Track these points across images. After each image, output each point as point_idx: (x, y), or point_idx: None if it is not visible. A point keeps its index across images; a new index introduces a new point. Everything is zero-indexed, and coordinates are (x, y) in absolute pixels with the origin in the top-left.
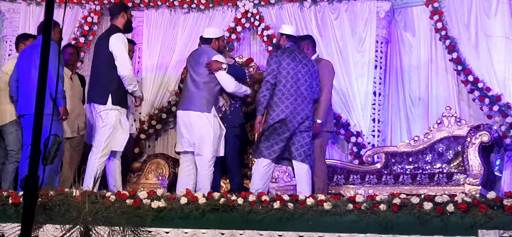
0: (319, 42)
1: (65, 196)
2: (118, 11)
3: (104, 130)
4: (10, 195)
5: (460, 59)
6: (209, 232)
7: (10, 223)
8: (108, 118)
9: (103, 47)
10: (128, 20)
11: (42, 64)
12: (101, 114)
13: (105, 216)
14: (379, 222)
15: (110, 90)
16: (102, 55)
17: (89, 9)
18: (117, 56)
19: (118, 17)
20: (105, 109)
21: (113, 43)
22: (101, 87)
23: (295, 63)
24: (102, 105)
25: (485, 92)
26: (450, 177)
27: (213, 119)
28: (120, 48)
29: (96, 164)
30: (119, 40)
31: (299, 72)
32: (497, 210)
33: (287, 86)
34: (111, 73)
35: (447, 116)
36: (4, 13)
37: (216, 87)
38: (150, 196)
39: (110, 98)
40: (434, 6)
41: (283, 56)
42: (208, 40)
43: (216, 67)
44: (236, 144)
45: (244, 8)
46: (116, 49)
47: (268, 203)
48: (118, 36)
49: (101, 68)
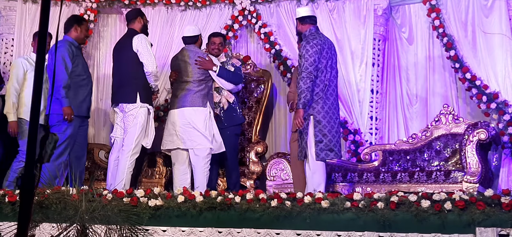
0: None
1: (61, 195)
2: (135, 16)
3: (134, 129)
4: (6, 193)
5: (457, 56)
6: (206, 230)
7: (7, 222)
8: (138, 117)
9: (125, 49)
10: (144, 25)
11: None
12: (131, 113)
13: (102, 215)
14: (376, 220)
15: (137, 88)
16: (126, 57)
17: (85, 6)
18: (143, 54)
19: (135, 21)
20: (135, 107)
21: (137, 43)
22: (129, 87)
23: (331, 50)
24: (131, 104)
25: (483, 89)
26: (447, 174)
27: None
28: (144, 46)
29: (127, 162)
30: (143, 39)
31: (332, 59)
32: (495, 207)
33: (328, 77)
34: (137, 72)
35: (444, 114)
36: (0, 11)
37: (208, 83)
38: (147, 195)
39: (138, 96)
40: (431, 4)
41: (321, 44)
42: (194, 38)
43: (207, 66)
44: (235, 142)
45: (241, 5)
46: (141, 48)
47: (266, 201)
48: (140, 36)
49: (126, 69)
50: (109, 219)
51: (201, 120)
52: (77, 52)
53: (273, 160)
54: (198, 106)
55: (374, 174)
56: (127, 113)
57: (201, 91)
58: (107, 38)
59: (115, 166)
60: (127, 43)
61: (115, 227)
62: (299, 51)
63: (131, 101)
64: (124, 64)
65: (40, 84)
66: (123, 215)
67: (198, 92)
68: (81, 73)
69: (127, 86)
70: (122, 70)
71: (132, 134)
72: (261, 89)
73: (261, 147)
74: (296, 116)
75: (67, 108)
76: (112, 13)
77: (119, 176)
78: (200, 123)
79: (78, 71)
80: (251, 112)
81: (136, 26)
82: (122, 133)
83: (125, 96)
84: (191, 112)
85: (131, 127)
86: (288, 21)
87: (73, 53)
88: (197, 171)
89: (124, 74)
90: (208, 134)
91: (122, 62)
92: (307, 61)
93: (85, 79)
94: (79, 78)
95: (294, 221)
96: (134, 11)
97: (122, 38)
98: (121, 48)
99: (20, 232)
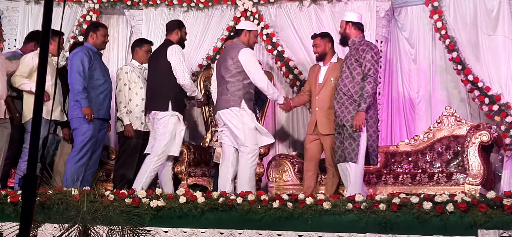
0: None
1: (63, 195)
2: (173, 28)
3: (164, 136)
4: (8, 194)
5: (460, 58)
6: (208, 231)
7: (9, 222)
8: (168, 125)
9: (161, 58)
10: (181, 38)
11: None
12: (162, 121)
13: (104, 215)
14: (378, 221)
15: (169, 97)
16: (161, 66)
17: (88, 7)
18: (175, 66)
19: (173, 33)
20: (165, 115)
21: (171, 54)
22: (161, 95)
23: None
24: (163, 111)
25: (485, 91)
26: (449, 176)
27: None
28: (177, 58)
29: (151, 166)
30: (177, 50)
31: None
32: (497, 209)
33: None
34: (170, 81)
35: (446, 116)
36: (3, 12)
37: (245, 81)
38: (149, 195)
39: (170, 104)
40: (434, 5)
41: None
42: (238, 32)
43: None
44: None
45: (244, 6)
46: (174, 60)
47: (267, 202)
48: (175, 47)
49: (160, 77)
50: (111, 220)
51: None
52: (95, 57)
53: (275, 161)
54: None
55: (376, 175)
56: (158, 120)
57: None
58: (109, 39)
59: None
60: (162, 53)
61: (117, 228)
62: (356, 53)
63: (162, 109)
64: (158, 72)
65: (43, 85)
66: (125, 215)
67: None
68: (99, 77)
69: (160, 94)
70: (156, 78)
71: (160, 142)
72: None
73: (263, 149)
74: (358, 118)
75: (87, 108)
76: (115, 14)
77: (139, 177)
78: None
79: (96, 75)
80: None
81: (173, 38)
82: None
83: (157, 104)
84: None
85: (160, 134)
86: (291, 22)
87: (91, 58)
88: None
89: (157, 83)
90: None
91: (156, 70)
92: (374, 66)
93: (103, 83)
94: (98, 82)
95: (296, 223)
96: (174, 22)
97: (159, 48)
98: (156, 58)
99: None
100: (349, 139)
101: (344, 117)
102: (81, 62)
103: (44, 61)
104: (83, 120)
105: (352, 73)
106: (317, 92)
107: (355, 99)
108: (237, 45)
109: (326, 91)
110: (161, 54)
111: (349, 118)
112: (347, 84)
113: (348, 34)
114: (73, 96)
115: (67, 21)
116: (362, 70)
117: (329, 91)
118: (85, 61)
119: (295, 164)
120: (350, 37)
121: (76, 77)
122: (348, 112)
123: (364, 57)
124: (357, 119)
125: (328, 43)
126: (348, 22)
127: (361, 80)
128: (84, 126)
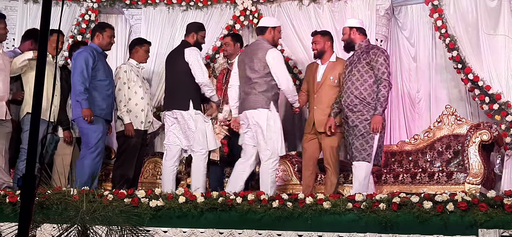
0: None
1: (62, 195)
2: (191, 30)
3: (200, 133)
4: (7, 194)
5: (460, 57)
6: (207, 231)
7: (8, 223)
8: (198, 122)
9: (179, 59)
10: (197, 41)
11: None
12: (192, 118)
13: (103, 215)
14: (378, 221)
15: (190, 96)
16: (179, 66)
17: (86, 7)
18: (193, 66)
19: (189, 35)
20: (189, 114)
21: (188, 55)
22: (182, 94)
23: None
24: (185, 111)
25: (485, 90)
26: (450, 176)
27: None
28: (194, 59)
29: (201, 164)
30: (194, 52)
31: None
32: (497, 209)
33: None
34: (190, 81)
35: (447, 115)
36: (1, 11)
37: (273, 81)
38: (148, 195)
39: (191, 103)
40: (434, 4)
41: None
42: (262, 30)
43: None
44: None
45: (243, 5)
46: (191, 60)
47: (267, 202)
48: (192, 49)
49: (179, 78)
50: (110, 220)
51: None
52: (99, 57)
53: None
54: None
55: (376, 175)
56: (186, 119)
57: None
58: None
59: (171, 172)
60: (180, 54)
61: (116, 228)
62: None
63: (184, 108)
64: (177, 73)
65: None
66: (124, 215)
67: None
68: (102, 78)
69: (180, 94)
70: (175, 79)
71: (200, 138)
72: None
73: None
74: (376, 122)
75: (87, 110)
76: (113, 13)
77: (196, 180)
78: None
79: (99, 76)
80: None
81: (190, 40)
82: (175, 140)
83: (178, 103)
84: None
85: (196, 131)
86: (290, 21)
87: (95, 58)
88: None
89: (177, 83)
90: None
91: (175, 70)
92: (387, 70)
93: (106, 84)
94: (100, 83)
95: (296, 222)
96: (193, 25)
97: (176, 49)
98: (174, 58)
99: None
100: (361, 139)
101: (356, 118)
102: (85, 62)
103: (43, 61)
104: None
105: (363, 76)
106: (315, 91)
107: (369, 102)
108: (263, 44)
109: (324, 89)
110: (179, 55)
111: (363, 119)
112: (359, 87)
113: (353, 39)
114: (74, 96)
115: (65, 20)
116: (375, 73)
117: (328, 89)
118: (89, 61)
119: (295, 164)
120: (355, 42)
121: (78, 77)
122: (361, 115)
123: (377, 60)
124: (374, 122)
125: (328, 41)
126: (352, 27)
127: (373, 83)
128: (94, 124)
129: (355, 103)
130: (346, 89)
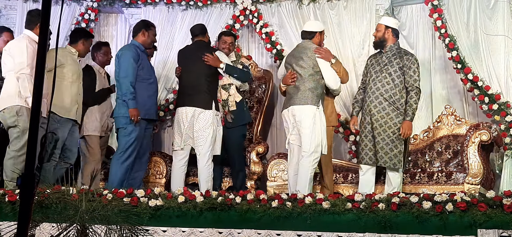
0: None
1: (61, 194)
2: (199, 32)
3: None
4: (6, 193)
5: (459, 57)
6: (206, 230)
7: (7, 222)
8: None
9: (197, 59)
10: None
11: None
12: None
13: (102, 215)
14: (377, 221)
15: (213, 97)
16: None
17: (86, 6)
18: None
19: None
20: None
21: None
22: (203, 93)
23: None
24: (208, 110)
25: (485, 90)
26: (449, 176)
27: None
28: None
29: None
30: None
31: None
32: (497, 209)
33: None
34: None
35: (446, 115)
36: (1, 10)
37: (322, 80)
38: (148, 195)
39: (213, 103)
40: (433, 4)
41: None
42: (310, 34)
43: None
44: (241, 142)
45: (243, 5)
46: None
47: (266, 201)
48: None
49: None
50: (109, 219)
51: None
52: (143, 55)
53: (274, 160)
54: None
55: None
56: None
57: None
58: (108, 37)
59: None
60: (198, 55)
61: (115, 227)
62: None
63: (207, 108)
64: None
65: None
66: (123, 215)
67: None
68: (146, 76)
69: (202, 93)
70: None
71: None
72: (262, 89)
73: (262, 148)
74: (406, 127)
75: (134, 110)
76: (113, 12)
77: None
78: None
79: (143, 74)
80: (252, 112)
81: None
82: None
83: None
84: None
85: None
86: (290, 21)
87: (139, 56)
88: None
89: (199, 82)
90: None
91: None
92: (419, 77)
93: (151, 82)
94: (145, 81)
95: (295, 222)
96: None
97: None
98: (191, 57)
99: (20, 231)
100: (390, 145)
101: (385, 123)
102: (132, 59)
103: (43, 60)
104: (129, 120)
105: (394, 80)
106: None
107: (398, 107)
108: (311, 45)
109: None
110: (198, 56)
111: (392, 124)
112: (389, 91)
113: (386, 39)
114: (121, 95)
115: (65, 19)
116: (407, 79)
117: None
118: (134, 59)
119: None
120: (387, 42)
121: (125, 76)
122: (390, 119)
123: (410, 67)
124: (405, 128)
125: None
126: (388, 27)
127: (403, 88)
128: (130, 127)
129: (384, 106)
130: (375, 90)
